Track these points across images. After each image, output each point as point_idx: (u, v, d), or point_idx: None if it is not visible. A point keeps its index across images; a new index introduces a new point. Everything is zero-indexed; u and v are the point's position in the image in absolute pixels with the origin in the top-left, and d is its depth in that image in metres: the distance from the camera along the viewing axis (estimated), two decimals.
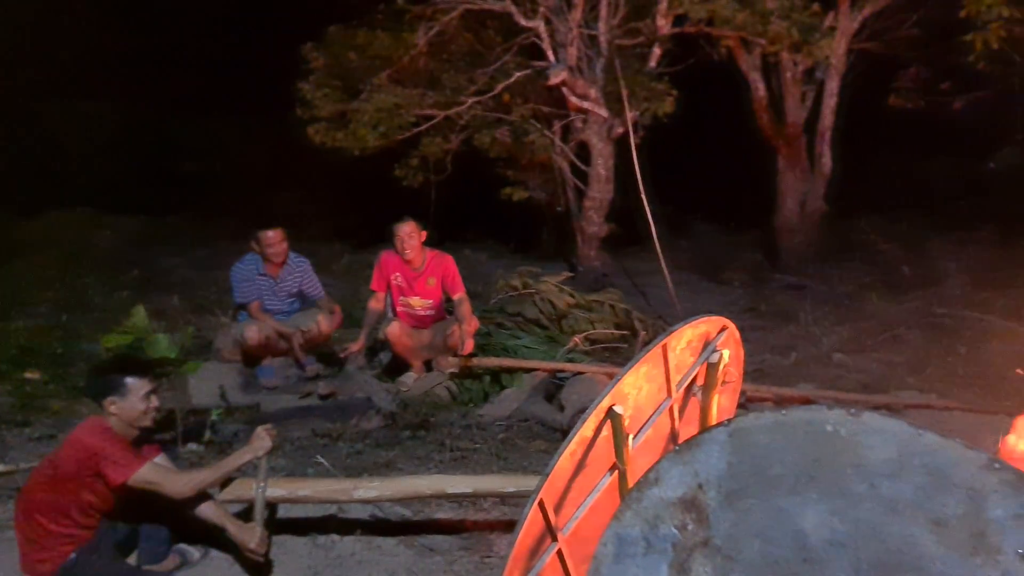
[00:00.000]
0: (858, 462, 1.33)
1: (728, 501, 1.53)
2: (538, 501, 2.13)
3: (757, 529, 1.47)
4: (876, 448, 1.31)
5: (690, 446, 1.63)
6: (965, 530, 1.19)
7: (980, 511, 1.17)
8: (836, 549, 1.34)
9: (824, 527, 1.36)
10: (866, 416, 1.33)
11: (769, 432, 1.48)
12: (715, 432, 1.58)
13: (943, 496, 1.22)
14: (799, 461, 1.42)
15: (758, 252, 11.06)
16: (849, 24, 9.54)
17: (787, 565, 1.41)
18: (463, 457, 4.64)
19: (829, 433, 1.38)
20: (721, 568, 1.52)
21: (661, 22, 8.05)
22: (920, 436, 1.26)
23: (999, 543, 1.15)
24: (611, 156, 8.60)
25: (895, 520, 1.27)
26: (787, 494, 1.43)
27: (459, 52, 8.84)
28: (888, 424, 1.30)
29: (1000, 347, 6.93)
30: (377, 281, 5.69)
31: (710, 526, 1.56)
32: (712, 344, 2.64)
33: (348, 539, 3.58)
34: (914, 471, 1.26)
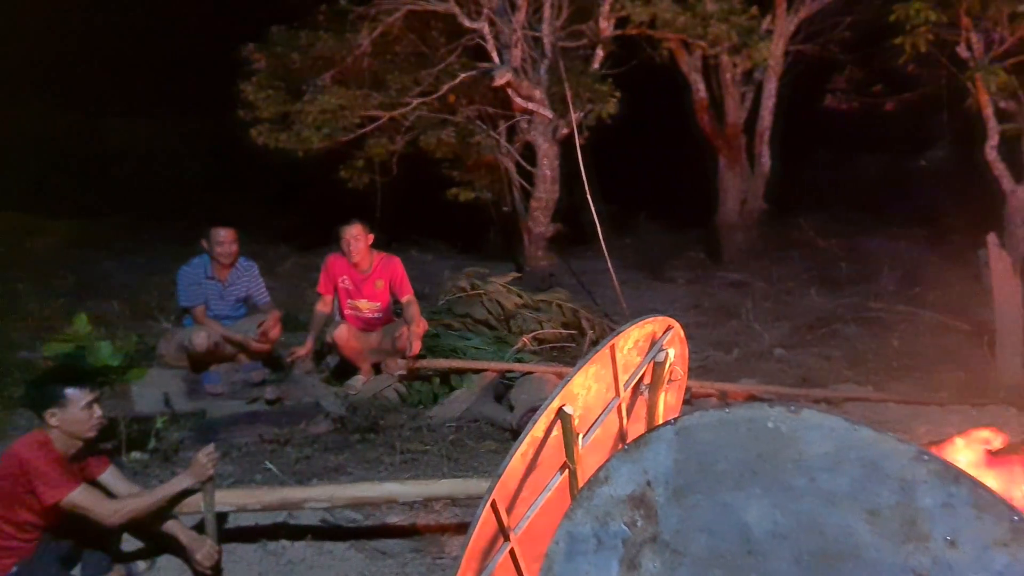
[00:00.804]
0: (798, 457, 1.39)
1: (675, 497, 1.58)
2: (491, 502, 2.16)
3: (703, 524, 1.52)
4: (815, 443, 1.37)
5: (638, 445, 1.67)
6: (897, 519, 1.25)
7: (911, 501, 1.24)
8: (778, 541, 1.40)
9: (767, 520, 1.42)
10: (805, 413, 1.39)
11: (714, 430, 1.53)
12: (662, 431, 1.63)
13: (877, 487, 1.28)
14: (742, 457, 1.47)
15: (701, 250, 11.26)
16: (786, 26, 9.78)
17: (732, 558, 1.46)
18: (413, 459, 4.65)
19: (770, 430, 1.43)
20: (669, 562, 1.57)
21: (604, 24, 8.14)
22: (855, 431, 1.32)
23: (929, 530, 1.22)
24: (556, 156, 8.67)
25: (833, 511, 1.33)
26: (731, 489, 1.48)
27: (403, 53, 8.81)
28: (826, 420, 1.37)
29: (932, 340, 7.20)
30: (324, 284, 5.65)
31: (658, 522, 1.60)
32: (658, 343, 2.70)
33: (298, 544, 3.56)
34: (850, 464, 1.32)
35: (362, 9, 8.27)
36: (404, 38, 8.68)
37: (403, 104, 8.36)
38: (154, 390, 5.11)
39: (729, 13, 7.55)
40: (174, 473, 4.28)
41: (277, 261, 9.98)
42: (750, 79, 10.29)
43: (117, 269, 9.70)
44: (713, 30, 7.51)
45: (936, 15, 7.47)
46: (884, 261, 9.41)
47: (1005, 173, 8.11)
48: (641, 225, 12.01)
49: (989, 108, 7.93)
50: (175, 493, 3.21)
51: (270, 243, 10.56)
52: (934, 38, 7.74)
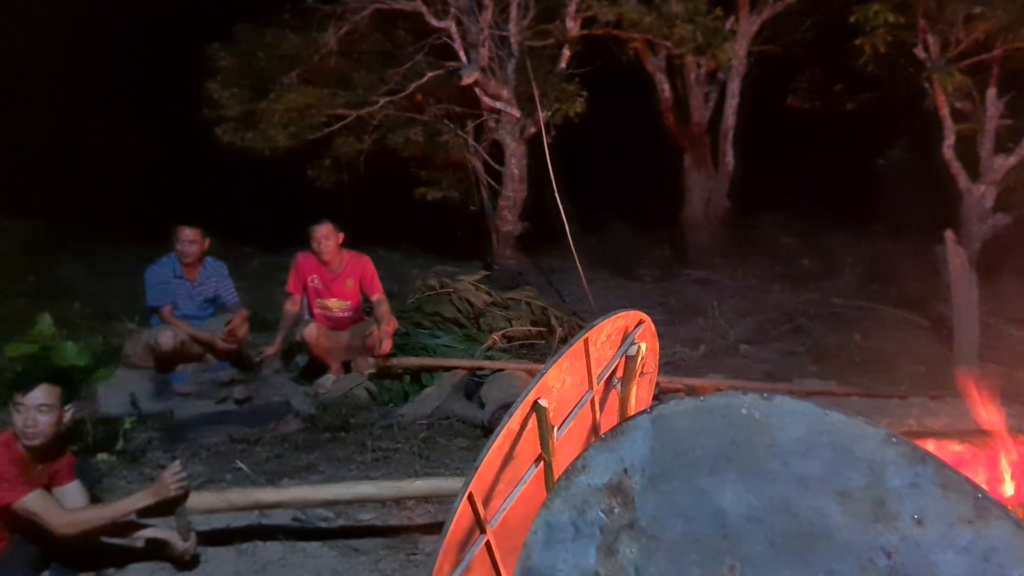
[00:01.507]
0: (771, 442, 1.43)
1: (652, 484, 1.61)
2: (467, 494, 2.18)
3: (679, 509, 1.56)
4: (787, 428, 1.41)
5: (615, 434, 1.70)
6: (867, 500, 1.30)
7: (880, 482, 1.29)
8: (753, 524, 1.44)
9: (741, 504, 1.46)
10: (777, 399, 1.43)
11: (689, 417, 1.57)
12: (639, 419, 1.66)
13: (847, 470, 1.32)
14: (717, 444, 1.51)
15: (667, 248, 11.38)
16: (749, 27, 9.93)
17: (708, 542, 1.50)
18: (385, 457, 4.64)
19: (744, 416, 1.47)
20: (646, 548, 1.60)
21: (570, 24, 8.20)
22: (826, 415, 1.37)
23: (897, 510, 1.26)
24: (524, 155, 8.71)
25: (805, 494, 1.37)
26: (707, 475, 1.52)
27: (370, 52, 8.78)
28: (798, 406, 1.41)
29: (892, 335, 7.38)
30: (293, 283, 5.62)
31: (635, 509, 1.63)
32: (630, 337, 2.74)
33: (272, 544, 3.55)
34: (822, 448, 1.36)
35: (328, 8, 8.23)
36: (371, 37, 8.66)
37: (370, 103, 8.35)
38: (120, 391, 5.04)
39: (694, 14, 7.65)
40: (142, 475, 4.26)
41: (244, 261, 9.88)
42: (714, 79, 10.43)
43: (78, 270, 9.53)
44: (678, 31, 7.60)
45: (894, 17, 7.65)
46: (845, 258, 9.60)
47: (961, 172, 8.32)
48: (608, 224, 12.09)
49: (946, 108, 8.13)
50: (134, 510, 3.14)
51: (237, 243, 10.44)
52: (893, 39, 7.92)
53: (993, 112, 8.20)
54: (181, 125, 9.57)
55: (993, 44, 7.66)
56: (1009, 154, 8.15)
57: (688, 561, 1.53)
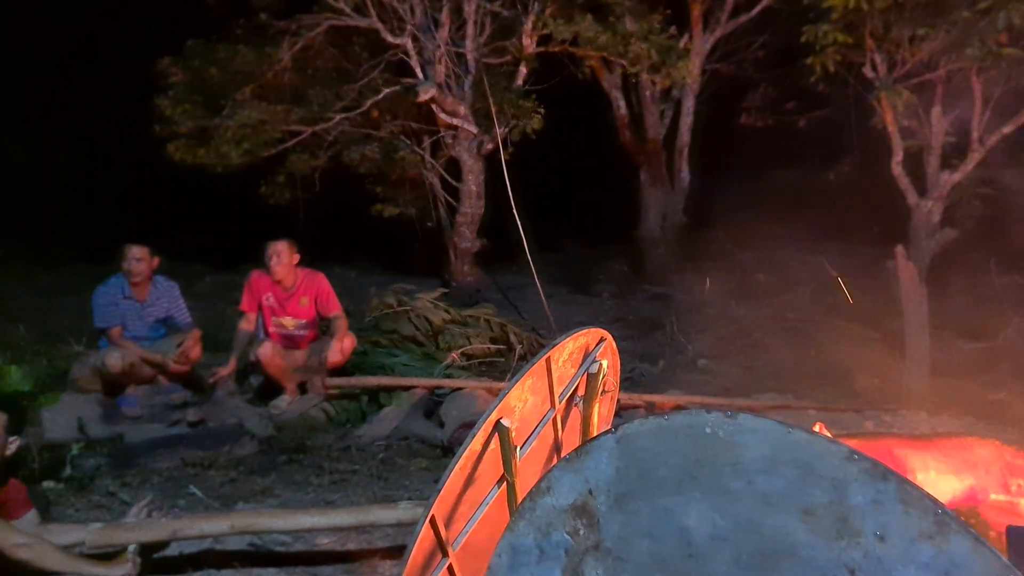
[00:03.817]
0: (735, 461, 1.42)
1: (617, 505, 1.59)
2: (430, 518, 2.14)
3: (645, 530, 1.54)
4: (751, 447, 1.40)
5: (580, 454, 1.68)
6: (831, 517, 1.29)
7: (843, 499, 1.28)
8: (718, 543, 1.42)
9: (706, 523, 1.45)
10: (741, 417, 1.43)
11: (654, 437, 1.56)
12: (603, 440, 1.64)
13: (811, 487, 1.32)
14: (682, 463, 1.50)
15: (624, 264, 11.45)
16: (702, 46, 10.09)
17: (673, 562, 1.49)
18: (342, 480, 4.56)
19: (708, 435, 1.46)
20: (612, 569, 1.58)
21: (527, 41, 8.24)
22: (790, 433, 1.36)
23: (860, 526, 1.26)
24: (481, 172, 8.71)
25: (770, 512, 1.36)
26: (672, 494, 1.51)
27: (325, 68, 8.72)
28: (761, 424, 1.41)
29: (847, 349, 7.47)
30: (247, 302, 5.52)
31: (600, 530, 1.61)
32: (592, 355, 2.73)
33: (225, 572, 3.44)
34: (785, 466, 1.36)
35: (283, 24, 8.16)
36: (326, 53, 8.61)
37: (325, 119, 8.28)
38: (67, 416, 4.88)
39: (649, 32, 7.75)
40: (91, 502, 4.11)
41: (195, 279, 9.70)
42: (669, 97, 10.57)
43: (21, 292, 9.25)
44: (633, 49, 7.69)
45: (843, 36, 7.83)
46: (800, 273, 9.74)
47: (910, 187, 8.53)
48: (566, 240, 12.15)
49: (894, 126, 8.33)
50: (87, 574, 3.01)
51: (188, 261, 10.25)
52: (842, 59, 8.11)
53: (938, 130, 8.42)
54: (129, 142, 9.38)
55: (937, 64, 7.89)
56: (954, 171, 8.38)
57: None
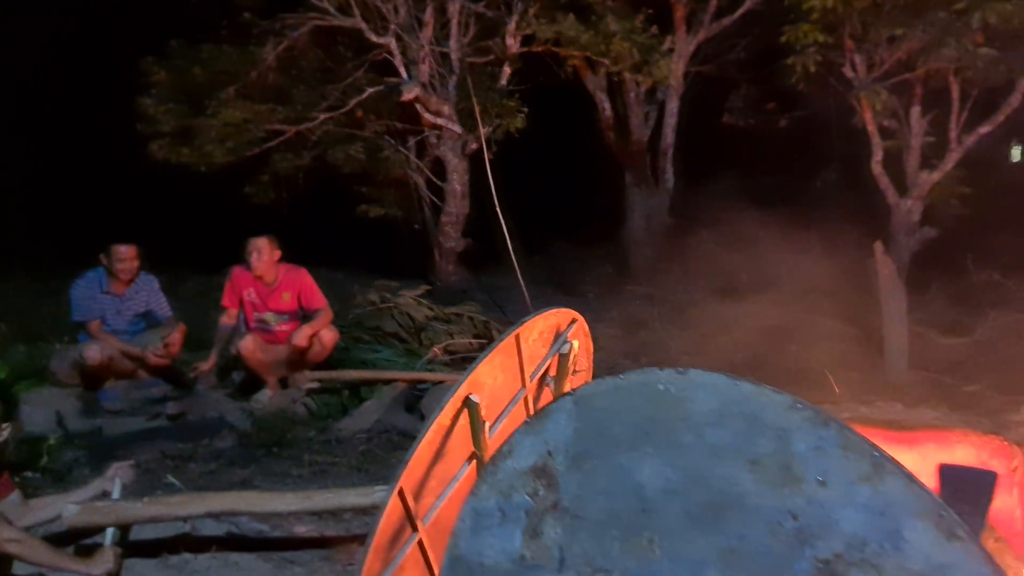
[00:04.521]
0: (686, 415, 1.45)
1: (575, 464, 1.62)
2: (398, 490, 2.16)
3: (601, 487, 1.57)
4: (700, 401, 1.44)
5: (540, 417, 1.71)
6: (775, 465, 1.33)
7: (787, 447, 1.32)
8: (669, 496, 1.46)
9: (658, 477, 1.48)
10: (692, 373, 1.46)
11: (609, 397, 1.59)
12: (562, 402, 1.67)
13: (757, 437, 1.36)
14: (636, 420, 1.53)
15: (609, 264, 11.48)
16: (686, 48, 10.16)
17: (627, 516, 1.52)
18: (322, 471, 4.57)
19: (661, 392, 1.50)
20: (570, 527, 1.61)
21: (510, 41, 8.29)
22: (737, 386, 1.40)
23: (803, 473, 1.30)
24: (466, 171, 8.74)
25: (718, 464, 1.40)
26: (626, 451, 1.54)
27: (309, 68, 8.74)
28: (710, 378, 1.44)
29: (827, 345, 7.53)
30: (229, 297, 5.53)
31: (559, 490, 1.64)
32: (563, 335, 2.77)
33: (202, 557, 3.46)
34: (733, 418, 1.39)
35: (267, 24, 8.18)
36: (310, 53, 8.63)
37: (309, 119, 8.29)
38: (46, 409, 4.87)
39: (631, 32, 7.81)
40: None
41: (180, 280, 9.67)
42: (653, 98, 10.63)
43: (5, 292, 9.21)
44: (615, 48, 7.75)
45: (823, 37, 7.92)
46: (781, 272, 9.80)
47: (890, 187, 8.62)
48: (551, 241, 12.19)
49: (873, 126, 8.42)
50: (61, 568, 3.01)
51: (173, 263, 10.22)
52: (822, 59, 8.19)
53: (917, 130, 8.52)
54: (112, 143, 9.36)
55: (915, 64, 7.98)
56: (933, 170, 8.48)
57: (609, 537, 1.54)
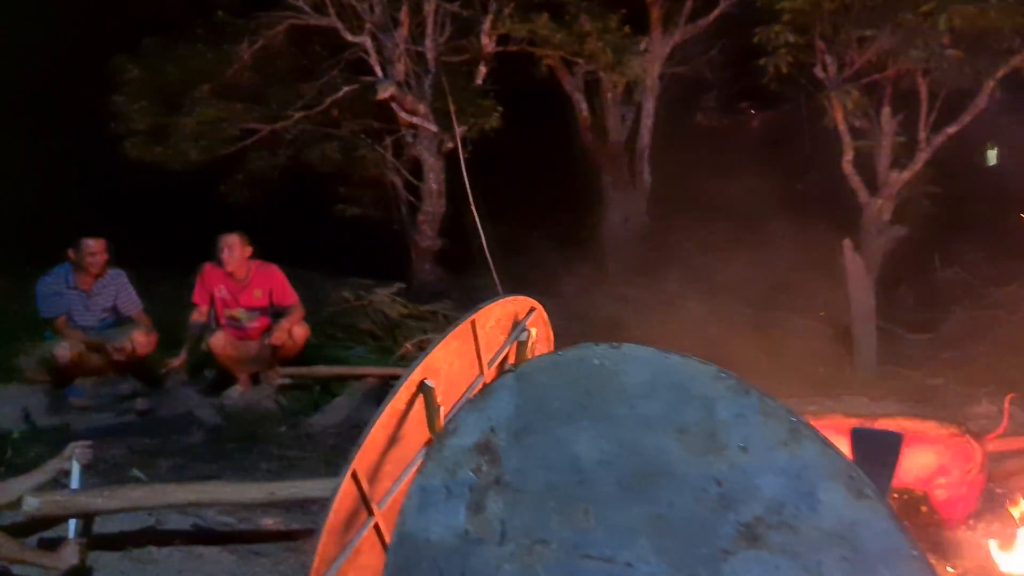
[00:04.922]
0: (619, 388, 1.49)
1: (516, 439, 1.66)
2: (351, 472, 2.19)
3: (540, 461, 1.61)
4: (633, 374, 1.48)
5: (483, 395, 1.75)
6: (701, 433, 1.37)
7: (712, 415, 1.36)
8: (604, 467, 1.50)
9: (594, 449, 1.52)
10: (625, 347, 1.50)
11: (549, 372, 1.63)
12: (504, 379, 1.71)
13: (685, 407, 1.40)
14: (573, 394, 1.57)
15: (587, 265, 11.53)
16: (662, 49, 10.24)
17: (565, 488, 1.56)
18: (292, 466, 4.58)
19: (596, 366, 1.53)
20: (511, 501, 1.64)
21: (485, 40, 8.33)
22: (667, 358, 1.44)
23: (726, 440, 1.34)
24: (442, 170, 8.76)
25: (649, 434, 1.44)
26: (564, 425, 1.57)
27: (285, 67, 8.73)
28: (642, 352, 1.48)
29: (798, 342, 7.64)
30: (199, 294, 5.53)
31: (501, 465, 1.68)
32: (521, 324, 2.80)
33: (167, 550, 3.46)
34: (663, 389, 1.43)
35: (242, 22, 8.17)
36: (286, 52, 8.62)
37: (285, 117, 8.29)
38: (14, 406, 4.86)
39: (604, 32, 7.87)
40: None
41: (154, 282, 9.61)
42: (630, 99, 10.70)
43: None
44: (589, 47, 7.80)
45: (795, 38, 8.00)
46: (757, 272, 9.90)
47: (861, 186, 8.72)
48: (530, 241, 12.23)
49: (844, 125, 8.52)
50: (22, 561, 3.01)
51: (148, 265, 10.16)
52: (794, 59, 8.28)
53: (888, 130, 8.62)
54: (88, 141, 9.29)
55: (885, 65, 8.08)
56: (903, 169, 8.59)
57: (548, 509, 1.58)
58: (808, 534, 1.23)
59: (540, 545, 1.58)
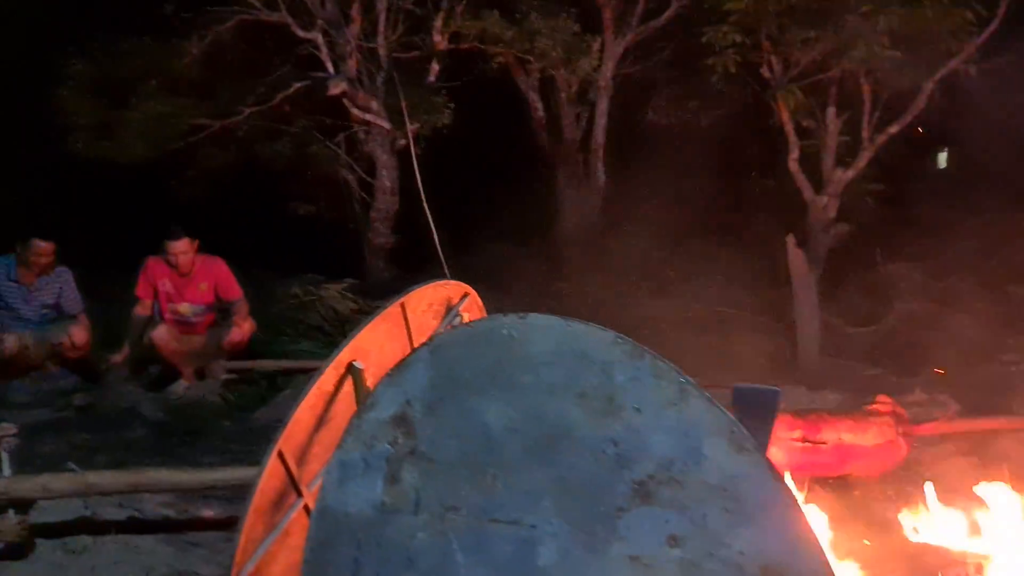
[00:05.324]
0: (526, 357, 1.53)
1: (430, 411, 1.69)
2: (277, 451, 2.21)
3: (452, 431, 1.64)
4: (538, 342, 1.52)
5: (400, 368, 1.78)
6: (600, 398, 1.42)
7: (609, 380, 1.41)
8: (511, 434, 1.54)
9: (502, 417, 1.56)
10: (531, 317, 1.55)
11: (462, 344, 1.67)
12: (419, 352, 1.74)
13: (585, 373, 1.44)
14: (484, 365, 1.61)
15: (542, 263, 11.60)
16: (615, 50, 10.35)
17: (475, 456, 1.59)
18: (237, 460, 4.54)
19: (505, 336, 1.57)
20: (425, 471, 1.68)
21: (437, 38, 8.35)
22: (569, 326, 1.49)
23: (622, 402, 1.39)
24: (395, 168, 8.76)
25: (552, 400, 1.48)
26: (475, 395, 1.61)
27: (235, 62, 8.66)
28: (548, 321, 1.53)
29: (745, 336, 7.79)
30: (143, 287, 5.48)
31: (416, 436, 1.71)
32: (455, 308, 2.84)
33: (103, 540, 3.43)
34: (565, 356, 1.48)
35: (190, 16, 8.08)
36: (236, 47, 8.55)
37: (235, 113, 8.22)
38: None
39: (555, 30, 7.95)
40: None
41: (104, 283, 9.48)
42: (585, 99, 10.80)
43: None
44: (539, 45, 7.87)
45: (741, 38, 8.16)
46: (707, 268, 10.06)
47: (806, 184, 8.92)
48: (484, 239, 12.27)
49: (790, 124, 8.71)
50: None
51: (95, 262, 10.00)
52: (741, 60, 8.44)
53: (833, 129, 8.83)
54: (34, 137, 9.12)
55: (829, 65, 8.28)
56: (847, 168, 8.80)
57: (459, 477, 1.61)
58: (694, 488, 1.28)
59: (451, 512, 1.61)
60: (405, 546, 1.68)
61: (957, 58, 7.87)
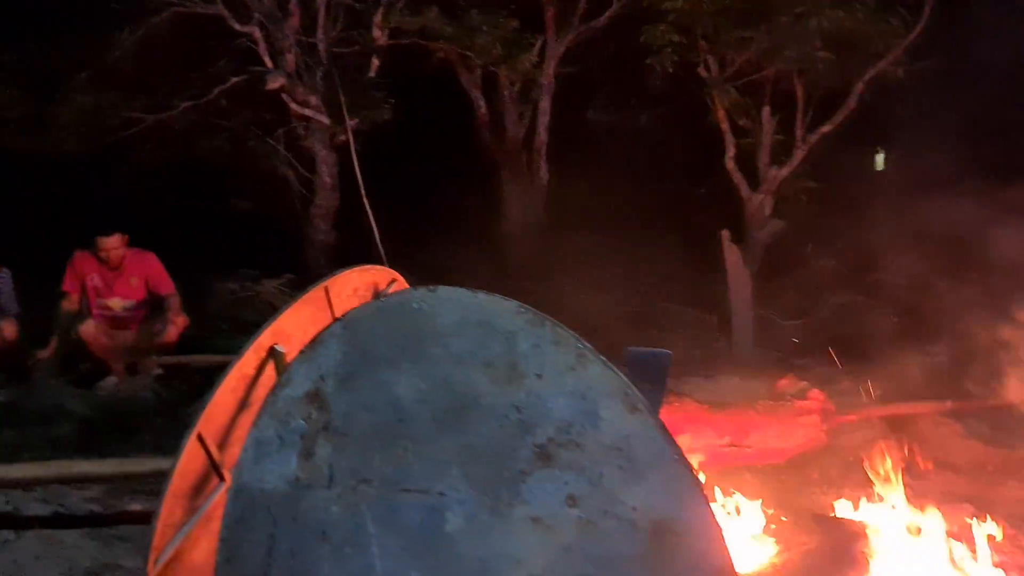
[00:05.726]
0: (435, 329, 1.56)
1: (343, 385, 1.71)
2: (196, 435, 2.19)
3: (365, 404, 1.66)
4: (446, 315, 1.55)
5: (313, 345, 1.79)
6: (504, 366, 1.45)
7: (513, 348, 1.45)
8: (421, 405, 1.56)
9: (413, 389, 1.58)
10: (440, 289, 1.58)
11: (374, 318, 1.69)
12: (332, 328, 1.76)
13: (490, 342, 1.48)
14: (395, 338, 1.63)
15: (486, 260, 11.63)
16: (557, 49, 10.43)
17: (387, 428, 1.62)
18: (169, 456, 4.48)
19: (415, 309, 1.60)
20: (338, 445, 1.69)
21: (377, 33, 8.31)
22: (475, 297, 1.52)
23: (525, 369, 1.43)
24: (335, 164, 8.69)
25: (460, 370, 1.51)
26: (387, 368, 1.63)
27: (171, 55, 8.49)
28: (455, 293, 1.56)
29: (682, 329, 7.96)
30: (70, 282, 5.35)
31: (330, 411, 1.72)
32: (382, 294, 2.84)
33: (26, 535, 3.35)
34: (471, 327, 1.51)
35: (123, 7, 7.90)
36: (172, 40, 8.38)
37: (171, 107, 8.07)
38: None
39: (495, 27, 7.99)
40: None
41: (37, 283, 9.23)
42: (528, 97, 10.86)
43: None
44: (479, 41, 7.90)
45: (678, 37, 8.31)
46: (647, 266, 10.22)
47: (742, 181, 9.11)
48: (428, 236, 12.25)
49: (726, 123, 8.89)
50: None
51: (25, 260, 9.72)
52: (679, 59, 8.58)
53: (768, 128, 9.04)
54: None
55: (763, 65, 8.47)
56: (782, 166, 9.02)
57: (371, 449, 1.63)
58: (591, 449, 1.33)
59: (364, 484, 1.63)
60: (319, 520, 1.69)
61: (885, 59, 8.12)
